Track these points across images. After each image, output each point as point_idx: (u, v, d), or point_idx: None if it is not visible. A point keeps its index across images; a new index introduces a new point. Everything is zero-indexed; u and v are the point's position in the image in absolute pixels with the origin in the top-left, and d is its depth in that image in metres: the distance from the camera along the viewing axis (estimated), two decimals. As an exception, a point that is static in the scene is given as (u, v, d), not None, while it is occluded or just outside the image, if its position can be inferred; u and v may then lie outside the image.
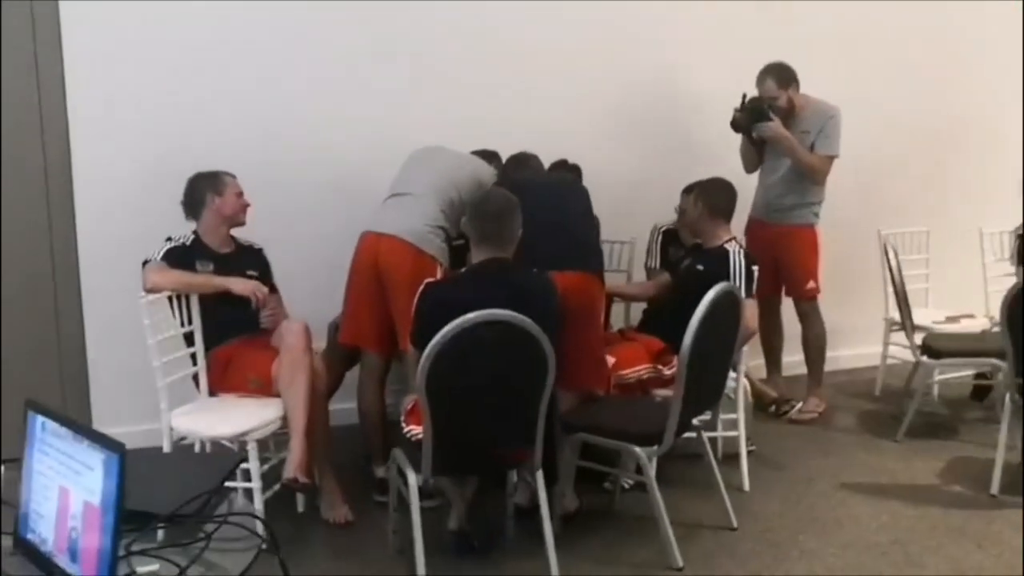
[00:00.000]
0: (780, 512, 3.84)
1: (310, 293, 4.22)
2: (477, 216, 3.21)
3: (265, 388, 3.73)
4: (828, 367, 5.28)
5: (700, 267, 4.09)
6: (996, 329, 5.10)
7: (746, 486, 4.05)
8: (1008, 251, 5.26)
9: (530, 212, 3.31)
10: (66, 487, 1.62)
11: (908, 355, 5.30)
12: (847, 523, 3.74)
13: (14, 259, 4.40)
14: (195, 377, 3.85)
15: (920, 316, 5.02)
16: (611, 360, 3.84)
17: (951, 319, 5.21)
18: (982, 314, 5.35)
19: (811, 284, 4.87)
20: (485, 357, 2.97)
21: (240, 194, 3.98)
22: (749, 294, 3.96)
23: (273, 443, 3.84)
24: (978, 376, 5.13)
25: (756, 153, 4.92)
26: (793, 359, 5.23)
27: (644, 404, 3.82)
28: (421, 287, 3.15)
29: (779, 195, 4.85)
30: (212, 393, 3.84)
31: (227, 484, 2.11)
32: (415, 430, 3.19)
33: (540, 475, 3.22)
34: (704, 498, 3.85)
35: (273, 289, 4.08)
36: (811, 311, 4.98)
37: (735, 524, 3.67)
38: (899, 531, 3.65)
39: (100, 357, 4.59)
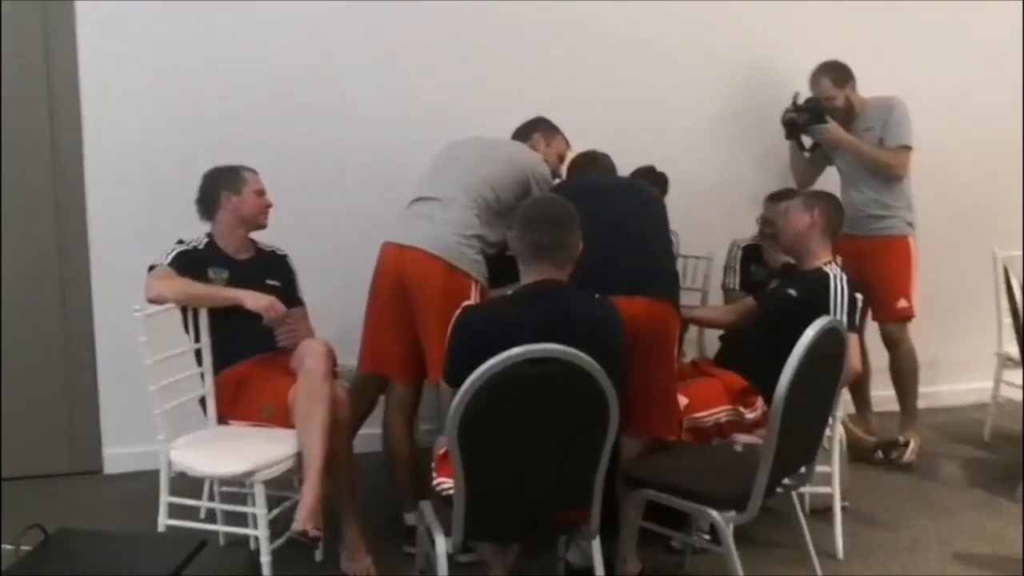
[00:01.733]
0: (881, 588, 3.22)
1: (337, 306, 3.70)
2: (527, 227, 2.63)
3: (281, 417, 3.21)
4: (924, 403, 4.64)
5: (793, 292, 3.48)
6: None
7: (840, 552, 3.42)
8: None
9: (592, 223, 2.73)
10: None
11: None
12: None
13: (21, 265, 4.07)
14: (202, 401, 3.36)
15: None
16: (683, 400, 3.26)
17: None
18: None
19: (903, 303, 4.26)
20: (533, 401, 2.41)
21: (261, 192, 3.49)
22: (852, 328, 3.34)
23: (296, 479, 3.32)
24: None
25: (808, 163, 4.42)
26: (878, 394, 4.60)
27: (724, 456, 3.22)
28: (456, 313, 2.59)
29: (863, 203, 4.25)
30: (221, 420, 3.34)
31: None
32: (446, 483, 2.64)
33: (597, 542, 2.65)
34: (789, 564, 3.25)
35: (298, 302, 3.58)
36: (902, 336, 4.35)
37: (828, 603, 3.06)
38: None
39: (110, 372, 4.16)
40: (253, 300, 3.26)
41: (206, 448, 3.14)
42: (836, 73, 4.25)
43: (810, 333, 2.70)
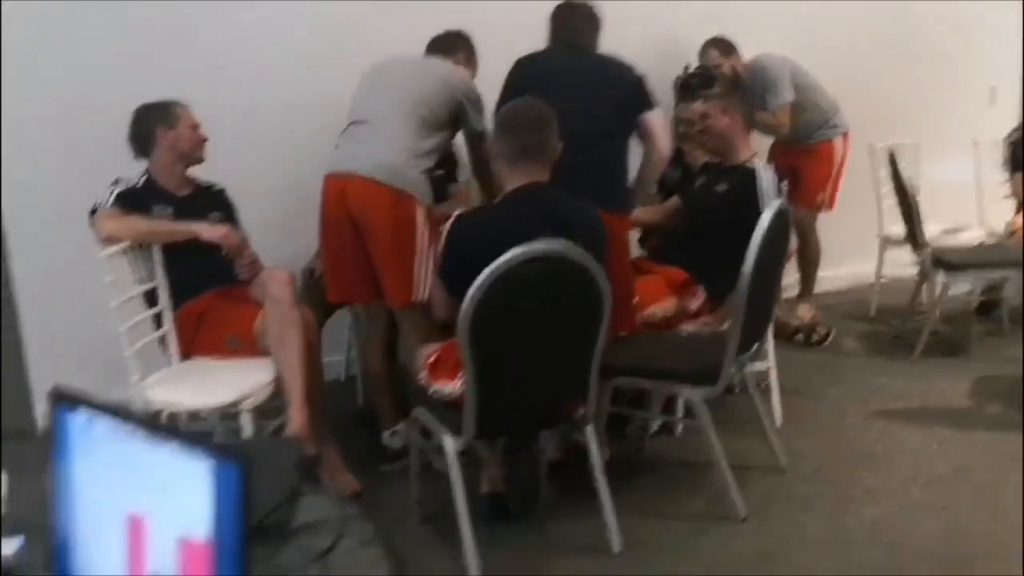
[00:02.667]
0: (824, 448, 3.55)
1: (273, 236, 3.69)
2: (510, 130, 2.73)
3: (246, 347, 3.21)
4: (816, 288, 5.10)
5: (721, 188, 3.71)
6: (992, 240, 4.95)
7: (778, 420, 3.74)
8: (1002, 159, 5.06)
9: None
10: (139, 515, 1.14)
11: (902, 272, 5.11)
12: (899, 455, 3.47)
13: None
14: (161, 340, 3.31)
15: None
16: (633, 301, 3.46)
17: (949, 232, 4.99)
18: (977, 225, 5.15)
19: (821, 196, 4.75)
20: (536, 297, 2.55)
21: (195, 126, 3.41)
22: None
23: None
24: (986, 289, 4.94)
25: None
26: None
27: (681, 342, 3.45)
28: (450, 222, 2.68)
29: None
30: (184, 357, 3.31)
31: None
32: (445, 387, 2.76)
33: (591, 429, 2.83)
34: (739, 437, 3.53)
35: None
36: (813, 226, 4.84)
37: (783, 465, 3.36)
38: (956, 459, 3.40)
39: (34, 325, 4.00)
40: (210, 231, 3.23)
41: (182, 384, 3.12)
42: (722, 45, 4.61)
43: (767, 217, 2.93)
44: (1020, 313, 4.67)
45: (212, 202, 3.49)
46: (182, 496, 1.09)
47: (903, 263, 5.12)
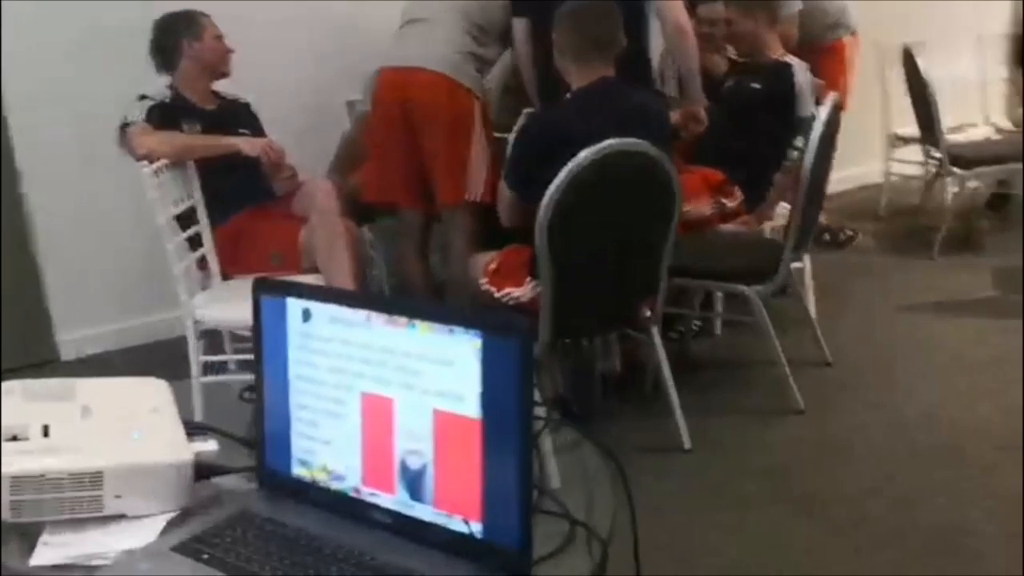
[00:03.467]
0: (863, 342, 3.61)
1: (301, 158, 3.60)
2: (576, 25, 2.65)
3: (291, 264, 3.14)
4: None
5: (757, 85, 3.67)
6: (998, 136, 5.00)
7: (813, 313, 3.77)
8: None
9: None
10: (382, 396, 1.10)
11: (910, 171, 5.16)
12: (938, 345, 3.54)
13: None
14: (201, 261, 3.23)
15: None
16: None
17: (955, 129, 5.01)
18: (982, 122, 5.19)
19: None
20: (614, 196, 2.51)
21: (220, 37, 3.28)
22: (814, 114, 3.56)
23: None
24: (997, 185, 5.00)
25: None
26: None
27: (726, 241, 3.44)
28: (522, 119, 2.62)
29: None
30: (225, 277, 3.23)
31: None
32: (513, 292, 2.72)
33: (656, 329, 2.83)
34: (779, 336, 3.57)
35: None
36: None
37: (830, 359, 3.40)
38: (994, 347, 3.47)
39: (52, 256, 3.88)
40: (251, 145, 3.13)
41: (234, 301, 3.04)
42: None
43: (824, 111, 2.92)
44: (1029, 206, 4.75)
45: (239, 116, 3.38)
46: (438, 372, 1.06)
47: (909, 161, 5.17)
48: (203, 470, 1.20)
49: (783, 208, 3.75)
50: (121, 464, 1.14)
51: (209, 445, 1.25)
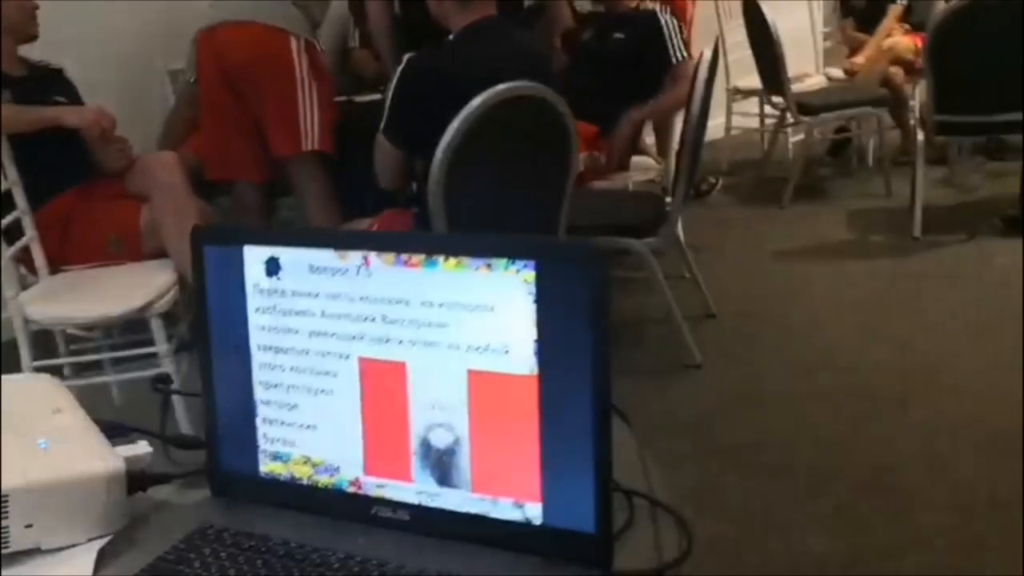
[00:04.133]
0: (742, 292, 3.55)
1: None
2: None
3: (131, 250, 2.75)
4: None
5: (619, 35, 3.53)
6: (832, 85, 5.11)
7: (694, 269, 3.70)
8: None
9: None
10: (389, 361, 0.85)
11: (751, 124, 5.21)
12: (817, 289, 3.53)
13: None
14: (22, 253, 2.77)
15: (756, 81, 4.84)
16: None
17: (793, 80, 5.08)
18: (815, 72, 5.29)
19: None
20: (507, 141, 2.29)
21: (22, -7, 2.84)
22: (685, 57, 3.47)
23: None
24: (838, 131, 5.10)
25: None
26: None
27: (607, 197, 3.30)
28: (402, 64, 2.33)
29: None
30: (54, 269, 2.80)
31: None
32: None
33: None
34: (657, 290, 3.48)
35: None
36: None
37: (715, 310, 3.31)
38: (871, 287, 3.50)
39: None
40: (76, 116, 2.71)
41: (70, 296, 2.63)
42: None
43: (704, 65, 2.80)
44: (866, 153, 4.87)
45: (53, 84, 2.94)
46: (473, 324, 0.81)
47: (750, 114, 5.21)
48: (136, 481, 0.90)
49: (646, 162, 3.67)
50: (30, 483, 0.83)
51: (140, 448, 0.95)
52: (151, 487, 0.92)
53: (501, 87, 2.22)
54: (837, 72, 5.11)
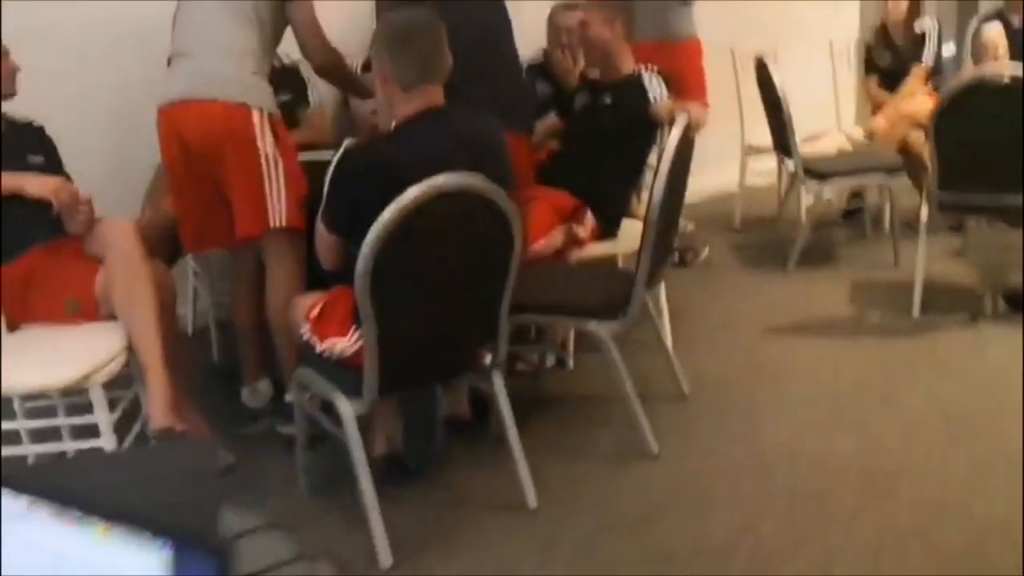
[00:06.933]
0: (721, 369, 3.44)
1: (104, 183, 3.20)
2: (400, 47, 2.33)
3: (87, 312, 2.76)
4: None
5: (606, 101, 3.46)
6: (851, 145, 4.98)
7: (669, 344, 3.60)
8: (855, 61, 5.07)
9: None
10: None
11: (763, 181, 5.10)
12: (798, 371, 3.40)
13: None
14: (-18, 309, 2.80)
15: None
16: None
17: (808, 139, 4.96)
18: (835, 131, 5.16)
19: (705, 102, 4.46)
20: (441, 235, 2.24)
21: (3, 54, 2.88)
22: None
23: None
24: (852, 196, 4.96)
25: None
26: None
27: (578, 273, 3.22)
28: (339, 153, 2.30)
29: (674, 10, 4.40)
30: (12, 327, 2.81)
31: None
32: (335, 344, 2.41)
33: (499, 375, 2.57)
34: (634, 364, 3.37)
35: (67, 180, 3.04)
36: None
37: (686, 391, 3.22)
38: (856, 372, 3.37)
39: None
40: (38, 185, 2.74)
41: (17, 358, 2.62)
42: None
43: (676, 134, 2.71)
44: (880, 219, 4.72)
45: (30, 143, 2.98)
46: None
47: (763, 172, 5.09)
48: None
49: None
50: None
51: None
52: None
53: (437, 179, 2.18)
54: (858, 131, 4.96)
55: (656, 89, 3.35)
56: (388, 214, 2.13)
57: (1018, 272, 3.79)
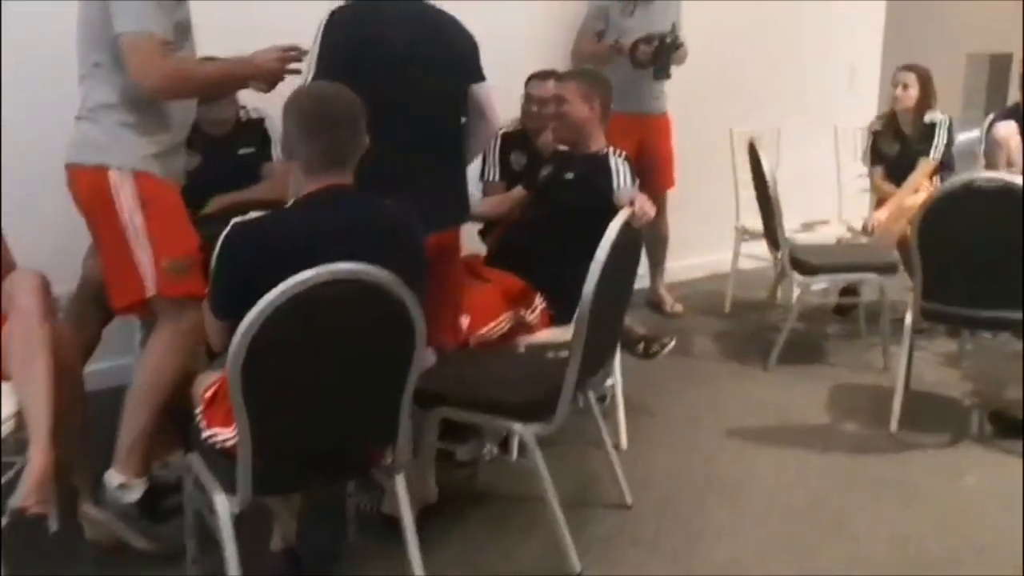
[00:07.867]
0: (673, 476, 3.19)
1: (43, 229, 3.07)
2: (310, 133, 2.15)
3: (-7, 367, 2.60)
4: (667, 278, 4.86)
5: (570, 175, 3.28)
6: (850, 236, 4.77)
7: (624, 443, 3.37)
8: (861, 150, 4.85)
9: (382, 118, 2.31)
10: None
11: (758, 264, 4.88)
12: (752, 483, 3.14)
13: None
14: None
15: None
16: (464, 321, 3.00)
17: (807, 226, 4.74)
18: (835, 219, 4.93)
19: (672, 179, 4.60)
20: (329, 326, 2.04)
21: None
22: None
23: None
24: (844, 292, 4.71)
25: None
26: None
27: (518, 361, 3.02)
28: (226, 230, 2.11)
29: (648, 83, 4.43)
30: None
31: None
32: (221, 435, 2.21)
33: (401, 478, 2.36)
34: (583, 462, 3.17)
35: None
36: (664, 206, 4.54)
37: (629, 502, 2.97)
38: (813, 489, 3.10)
39: None
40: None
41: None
42: None
43: (615, 226, 2.51)
44: (876, 315, 4.45)
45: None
46: None
47: (759, 255, 4.87)
48: None
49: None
50: None
51: None
52: None
53: (328, 266, 1.99)
54: (858, 223, 4.72)
55: (622, 175, 3.17)
56: (266, 299, 1.94)
57: (1017, 386, 3.52)
